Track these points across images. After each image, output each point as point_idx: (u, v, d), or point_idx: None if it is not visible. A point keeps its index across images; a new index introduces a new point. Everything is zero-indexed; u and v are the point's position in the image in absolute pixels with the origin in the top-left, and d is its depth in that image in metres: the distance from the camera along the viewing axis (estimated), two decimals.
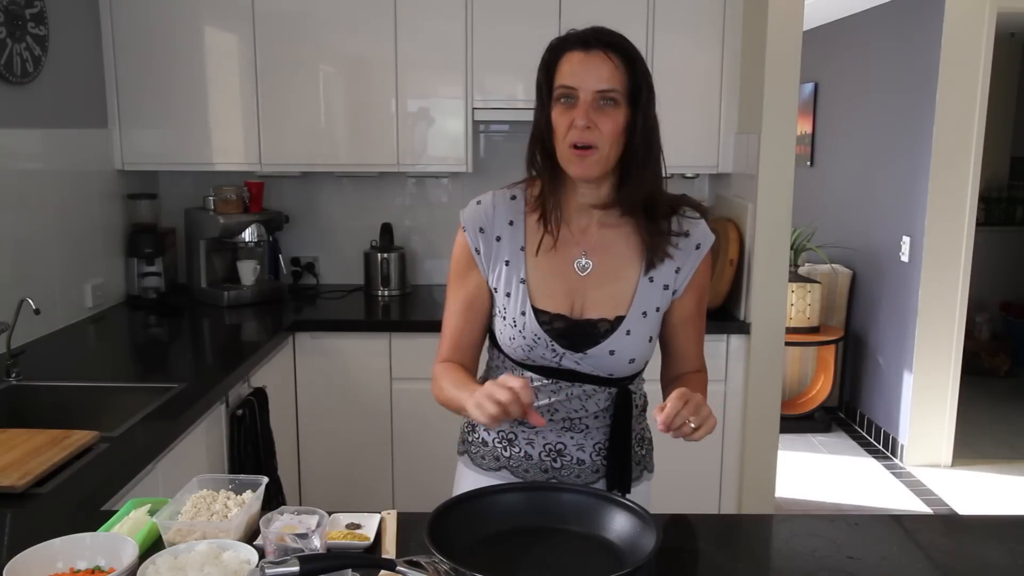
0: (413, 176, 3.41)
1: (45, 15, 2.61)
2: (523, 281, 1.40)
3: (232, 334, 2.87)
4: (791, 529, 1.38)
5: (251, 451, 2.36)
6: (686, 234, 1.43)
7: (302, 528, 1.15)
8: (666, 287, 1.43)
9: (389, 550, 1.23)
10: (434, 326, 3.08)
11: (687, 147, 3.04)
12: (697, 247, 1.44)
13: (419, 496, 2.78)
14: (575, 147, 1.31)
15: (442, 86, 3.05)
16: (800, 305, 4.51)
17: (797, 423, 4.57)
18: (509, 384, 1.19)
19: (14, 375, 2.13)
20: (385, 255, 3.27)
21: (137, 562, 1.11)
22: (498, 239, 1.42)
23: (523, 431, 1.46)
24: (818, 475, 4.09)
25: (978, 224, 4.10)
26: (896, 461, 4.25)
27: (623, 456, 1.46)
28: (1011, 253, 5.91)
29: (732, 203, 3.08)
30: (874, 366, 4.56)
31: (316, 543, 1.12)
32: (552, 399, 1.42)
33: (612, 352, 1.39)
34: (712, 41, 2.97)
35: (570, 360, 1.39)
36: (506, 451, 1.47)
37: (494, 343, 1.48)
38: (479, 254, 1.43)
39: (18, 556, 1.09)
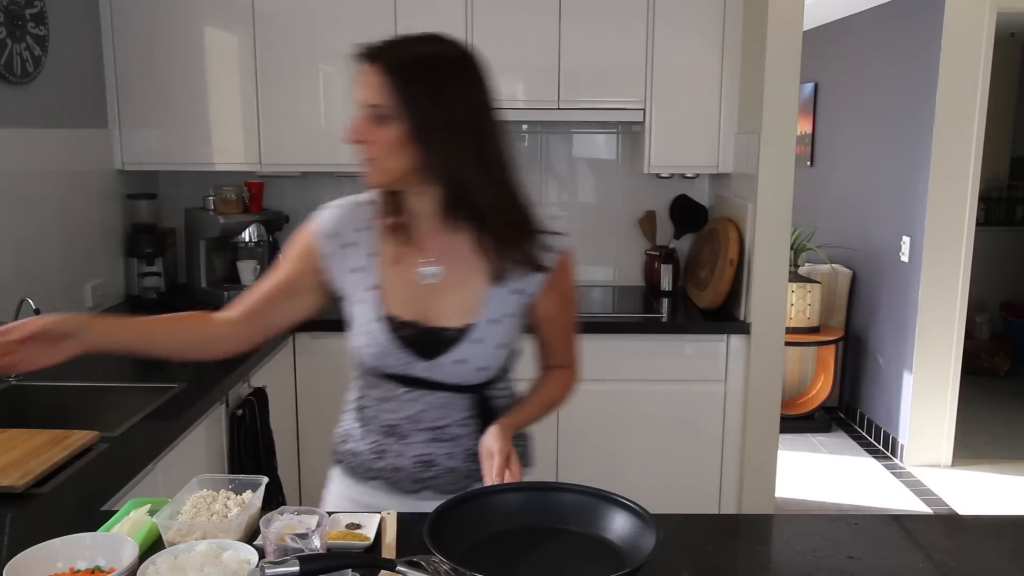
0: None
1: (45, 15, 2.61)
2: (374, 287, 1.39)
3: None
4: (791, 529, 1.38)
5: (251, 451, 2.36)
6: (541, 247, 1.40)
7: (302, 528, 1.15)
8: (518, 292, 1.40)
9: (389, 550, 1.23)
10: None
11: (687, 147, 3.04)
12: (547, 249, 1.40)
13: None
14: (362, 156, 1.32)
15: None
16: (800, 305, 4.51)
17: (797, 423, 4.57)
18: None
19: (14, 375, 2.13)
20: None
21: (137, 562, 1.11)
22: (349, 245, 1.40)
23: (392, 443, 1.44)
24: (818, 475, 4.09)
25: (978, 224, 4.10)
26: (896, 461, 4.25)
27: (455, 461, 1.44)
28: (1011, 253, 5.91)
29: (732, 203, 3.08)
30: (874, 366, 4.57)
31: (316, 543, 1.11)
32: (414, 408, 1.41)
33: (461, 361, 1.37)
34: (712, 41, 2.97)
35: (420, 368, 1.38)
36: (377, 463, 1.45)
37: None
38: (326, 259, 1.41)
39: (18, 556, 1.09)
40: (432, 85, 1.27)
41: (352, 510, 1.40)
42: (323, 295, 1.46)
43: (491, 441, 1.34)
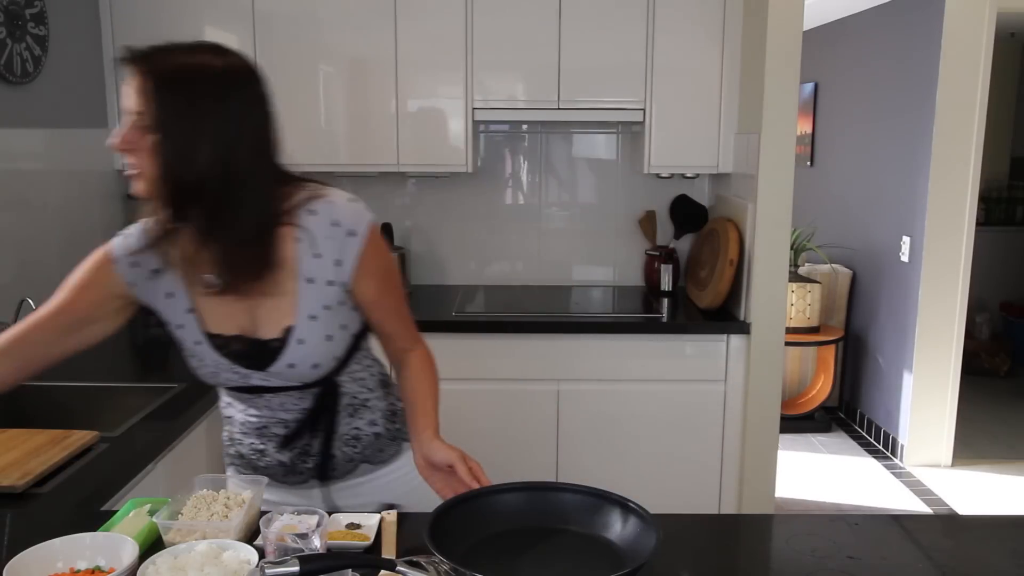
0: (413, 176, 3.41)
1: (45, 15, 2.61)
2: (191, 310, 1.36)
3: None
4: (791, 529, 1.38)
5: None
6: (335, 224, 1.34)
7: (302, 528, 1.15)
8: (330, 283, 1.35)
9: (389, 550, 1.23)
10: (434, 326, 3.07)
11: (687, 147, 3.04)
12: (350, 234, 1.34)
13: (417, 496, 2.78)
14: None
15: (442, 86, 3.05)
16: (800, 305, 4.51)
17: (797, 423, 4.57)
18: None
19: None
20: None
21: (137, 562, 1.11)
22: (156, 271, 1.35)
23: (268, 441, 1.46)
24: (818, 475, 4.09)
25: (978, 224, 4.10)
26: (896, 461, 4.25)
27: (328, 449, 1.45)
28: (1011, 253, 5.91)
29: (732, 203, 3.08)
30: (874, 366, 4.57)
31: (316, 543, 1.12)
32: (269, 412, 1.43)
33: (292, 365, 1.36)
34: (712, 41, 2.97)
35: (257, 378, 1.38)
36: (261, 461, 1.48)
37: None
38: (134, 287, 1.36)
39: (18, 556, 1.09)
40: (186, 97, 1.21)
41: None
42: (122, 319, 1.42)
43: (439, 455, 1.34)
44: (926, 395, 4.13)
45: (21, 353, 1.38)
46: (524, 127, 3.43)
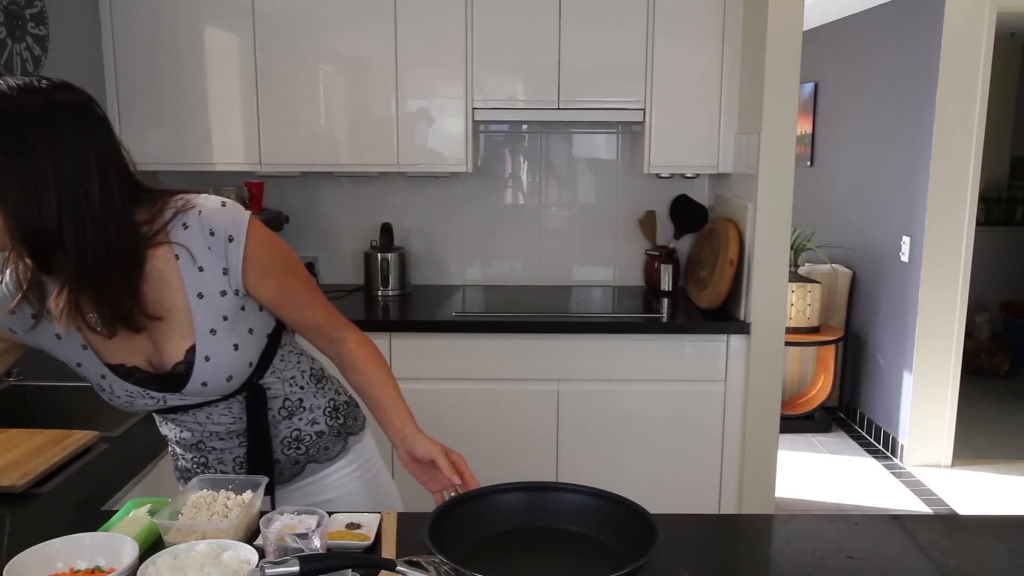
0: (413, 176, 3.41)
1: (45, 15, 2.61)
2: (86, 347, 1.30)
3: None
4: (791, 529, 1.38)
5: None
6: (211, 233, 1.26)
7: (302, 528, 1.15)
8: (223, 293, 1.28)
9: (389, 550, 1.23)
10: (434, 326, 3.07)
11: (687, 147, 3.04)
12: (231, 240, 1.26)
13: (419, 496, 2.78)
14: None
15: (442, 86, 3.05)
16: (800, 305, 4.51)
17: (797, 423, 4.57)
18: None
19: (14, 375, 2.13)
20: (385, 255, 3.27)
21: (137, 562, 1.11)
22: (35, 317, 1.26)
23: (210, 454, 1.45)
24: (818, 475, 4.09)
25: (978, 224, 4.10)
26: (896, 461, 4.25)
27: (265, 452, 1.43)
28: (1011, 253, 5.91)
29: (732, 203, 3.08)
30: (874, 366, 4.57)
31: (316, 543, 1.11)
32: (201, 427, 1.41)
33: (205, 383, 1.31)
34: (712, 41, 2.97)
35: (174, 399, 1.34)
36: (206, 473, 1.47)
37: None
38: (25, 336, 1.30)
39: (18, 556, 1.09)
40: (13, 147, 1.08)
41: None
42: (10, 359, 1.37)
43: (422, 450, 1.33)
44: (926, 395, 4.13)
45: None
46: (524, 127, 3.44)
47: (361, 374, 1.44)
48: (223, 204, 1.28)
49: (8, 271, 1.24)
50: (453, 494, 1.27)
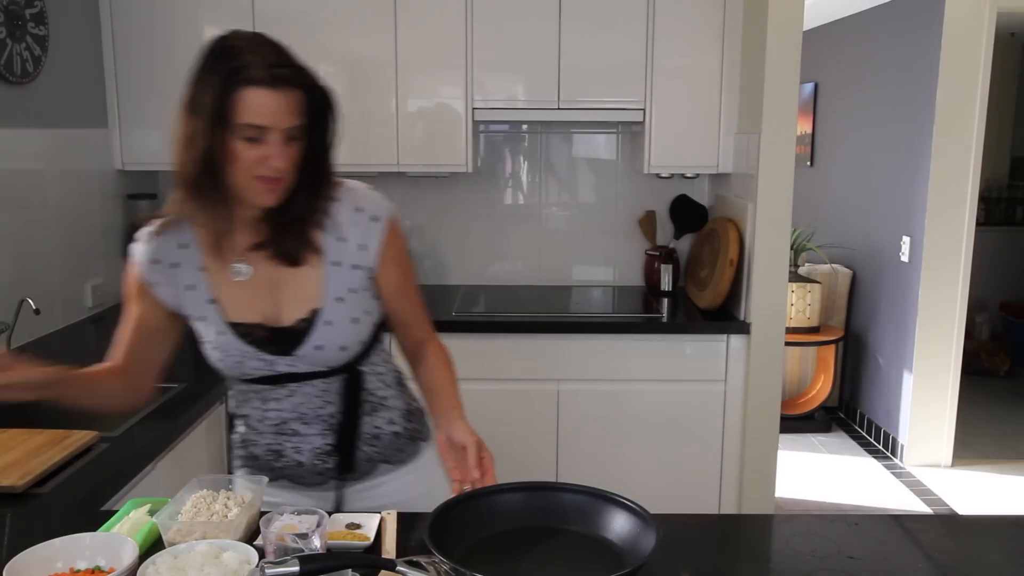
0: (413, 176, 3.41)
1: (45, 15, 2.61)
2: (212, 301, 1.38)
3: None
4: (791, 529, 1.38)
5: None
6: (358, 209, 1.40)
7: (302, 528, 1.15)
8: (355, 267, 1.39)
9: (389, 550, 1.23)
10: (434, 326, 3.07)
11: (687, 147, 3.04)
12: (374, 219, 1.40)
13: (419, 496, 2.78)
14: (262, 178, 1.27)
15: (442, 86, 3.05)
16: (800, 305, 4.51)
17: (797, 423, 4.57)
18: None
19: None
20: None
21: (137, 562, 1.11)
22: (175, 266, 1.38)
23: (287, 440, 1.45)
24: (818, 475, 4.09)
25: (978, 224, 4.10)
26: (896, 461, 4.25)
27: (349, 441, 1.45)
28: (1011, 253, 5.91)
29: (732, 203, 3.08)
30: (874, 366, 4.57)
31: (316, 543, 1.12)
32: (291, 403, 1.42)
33: (319, 347, 1.37)
34: (712, 41, 2.97)
35: (283, 364, 1.38)
36: (277, 462, 1.46)
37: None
38: (157, 287, 1.39)
39: (18, 556, 1.09)
40: (327, 100, 1.33)
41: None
42: (181, 323, 1.44)
43: (459, 434, 1.33)
44: (926, 395, 4.13)
45: (133, 368, 1.44)
46: (524, 127, 3.43)
47: (431, 368, 1.50)
48: (371, 188, 1.44)
49: (154, 224, 1.39)
50: (467, 488, 1.26)
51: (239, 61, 1.24)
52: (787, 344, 3.00)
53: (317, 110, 1.31)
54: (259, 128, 1.24)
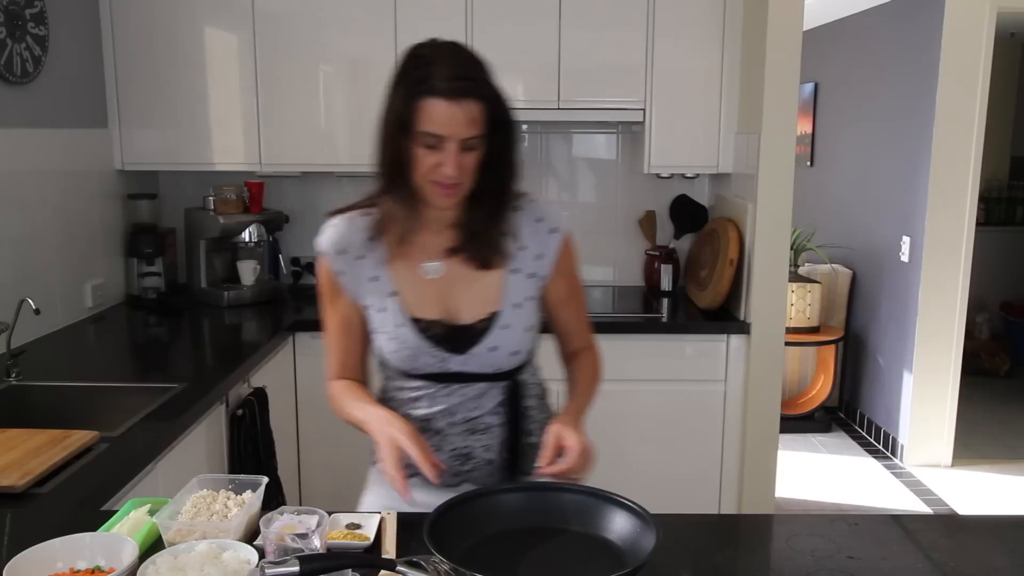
0: None
1: (45, 15, 2.61)
2: (394, 294, 1.42)
3: (232, 334, 2.87)
4: (791, 529, 1.38)
5: (251, 451, 2.36)
6: (539, 220, 1.46)
7: (302, 528, 1.15)
8: (532, 275, 1.45)
9: (389, 550, 1.23)
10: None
11: (687, 147, 3.04)
12: (552, 231, 1.46)
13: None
14: (438, 183, 1.33)
15: None
16: (800, 305, 4.51)
17: (797, 423, 4.57)
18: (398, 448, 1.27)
19: (14, 375, 2.13)
20: None
21: (137, 562, 1.11)
22: (361, 257, 1.44)
23: (429, 439, 1.45)
24: (818, 475, 4.09)
25: (978, 224, 4.10)
26: (896, 461, 4.25)
27: (517, 448, 1.47)
28: (1011, 253, 5.91)
29: (732, 203, 3.08)
30: (874, 366, 4.57)
31: (316, 543, 1.12)
32: (447, 403, 1.44)
33: (494, 348, 1.42)
34: (712, 41, 2.97)
35: (455, 363, 1.41)
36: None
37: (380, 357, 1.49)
38: (343, 276, 1.44)
39: (18, 556, 1.09)
40: (506, 109, 1.36)
41: (396, 510, 1.39)
42: (360, 333, 1.49)
43: (569, 436, 1.32)
44: (926, 395, 4.13)
45: (359, 376, 1.51)
46: (524, 127, 3.43)
47: (576, 370, 1.57)
48: (549, 202, 1.51)
49: (345, 217, 1.46)
50: (541, 476, 1.27)
51: (424, 71, 1.29)
52: (787, 344, 3.00)
53: (497, 122, 1.34)
54: (437, 136, 1.29)
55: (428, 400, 1.45)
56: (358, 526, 1.29)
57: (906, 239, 4.19)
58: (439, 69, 1.28)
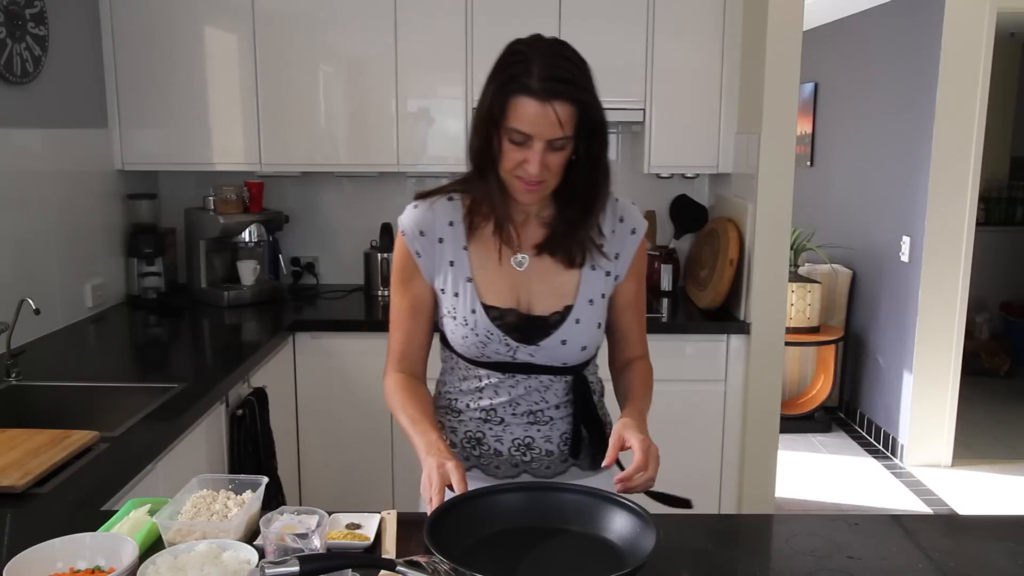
0: (413, 176, 3.41)
1: (45, 15, 2.61)
2: (470, 280, 1.43)
3: (232, 334, 2.87)
4: (791, 529, 1.38)
5: (251, 451, 2.36)
6: (621, 220, 1.48)
7: (302, 528, 1.15)
8: (608, 273, 1.47)
9: (389, 550, 1.23)
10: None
11: (687, 147, 3.04)
12: (632, 232, 1.48)
13: (419, 496, 2.78)
14: (522, 179, 1.34)
15: (442, 86, 3.05)
16: (800, 305, 4.51)
17: (797, 423, 4.57)
18: (446, 479, 1.24)
19: (14, 375, 2.13)
20: (385, 255, 3.27)
21: (137, 562, 1.11)
22: (440, 241, 1.45)
23: (490, 429, 1.48)
24: (818, 475, 4.09)
25: (978, 224, 4.10)
26: (896, 461, 4.25)
27: (599, 439, 1.49)
28: (1011, 253, 5.91)
29: (732, 203, 3.08)
30: (874, 366, 4.57)
31: (316, 543, 1.12)
32: (512, 394, 1.45)
33: (564, 342, 1.42)
34: (712, 41, 2.97)
35: (524, 353, 1.42)
36: (475, 450, 1.49)
37: (446, 344, 1.50)
38: (420, 257, 1.45)
39: (18, 556, 1.09)
40: (599, 109, 1.38)
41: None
42: (429, 318, 1.50)
43: (632, 436, 1.32)
44: (926, 395, 4.13)
45: (417, 367, 1.51)
46: None
47: (630, 379, 1.57)
48: (632, 203, 1.51)
49: (432, 200, 1.47)
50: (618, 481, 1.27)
51: (518, 68, 1.30)
52: (787, 344, 3.01)
53: (589, 123, 1.35)
54: (524, 134, 1.30)
55: (492, 390, 1.46)
56: (358, 526, 1.29)
57: (906, 239, 4.19)
58: (534, 68, 1.28)
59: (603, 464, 1.32)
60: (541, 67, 1.28)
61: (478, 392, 1.47)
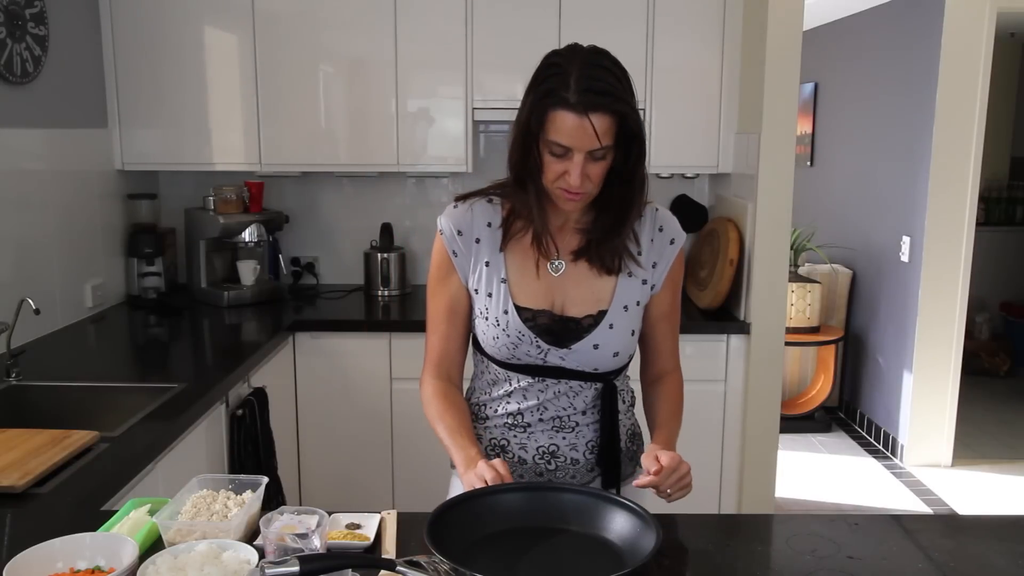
0: (413, 176, 3.41)
1: (45, 15, 2.61)
2: (504, 280, 1.43)
3: (232, 334, 2.87)
4: (791, 529, 1.38)
5: (251, 451, 2.36)
6: (660, 229, 1.48)
7: (302, 528, 1.15)
8: (644, 282, 1.46)
9: (389, 550, 1.23)
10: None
11: (687, 147, 3.04)
12: (671, 242, 1.48)
13: (419, 496, 2.78)
14: (564, 189, 1.34)
15: (442, 86, 3.05)
16: (800, 305, 4.51)
17: (797, 423, 4.57)
18: (495, 470, 1.27)
19: (14, 375, 2.13)
20: (385, 255, 3.27)
21: (137, 562, 1.11)
22: (477, 241, 1.46)
23: (515, 436, 1.47)
24: (818, 475, 4.09)
25: (978, 224, 4.10)
26: (896, 461, 4.25)
27: (613, 452, 1.47)
28: (1011, 253, 5.91)
29: (732, 203, 3.08)
30: (874, 366, 4.57)
31: (316, 543, 1.12)
32: (540, 398, 1.44)
33: (596, 346, 1.42)
34: (712, 41, 2.97)
35: (555, 356, 1.42)
36: (500, 457, 1.47)
37: (477, 347, 1.50)
38: (456, 256, 1.46)
39: (18, 556, 1.09)
40: (638, 121, 1.34)
41: None
42: (464, 318, 1.50)
43: (664, 455, 1.31)
44: (926, 395, 4.13)
45: (454, 370, 1.51)
46: None
47: (661, 399, 1.53)
48: (671, 213, 1.51)
49: (471, 201, 1.47)
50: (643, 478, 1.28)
51: (555, 82, 1.29)
52: (787, 344, 3.01)
53: (628, 132, 1.33)
54: (563, 147, 1.30)
55: (521, 394, 1.45)
56: (358, 526, 1.29)
57: (906, 239, 4.19)
58: (571, 80, 1.27)
59: (634, 483, 1.32)
60: (578, 79, 1.27)
61: (506, 397, 1.47)
